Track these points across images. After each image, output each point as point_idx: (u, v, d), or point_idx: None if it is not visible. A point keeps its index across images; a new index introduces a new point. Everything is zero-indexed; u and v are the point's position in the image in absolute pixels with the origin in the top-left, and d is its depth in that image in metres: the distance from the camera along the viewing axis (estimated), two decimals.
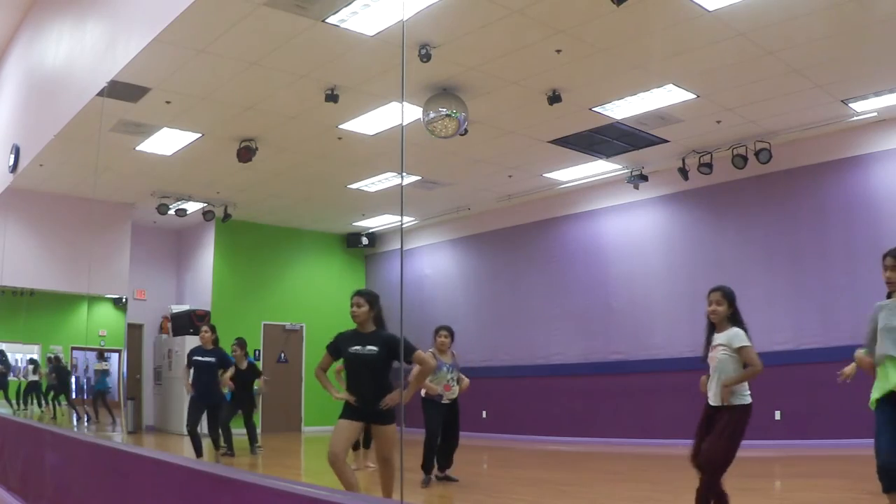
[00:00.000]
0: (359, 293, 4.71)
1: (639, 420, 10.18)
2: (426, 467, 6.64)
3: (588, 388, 10.91)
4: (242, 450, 9.25)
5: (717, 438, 3.93)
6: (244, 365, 9.24)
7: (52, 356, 11.47)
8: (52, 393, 11.45)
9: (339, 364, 5.28)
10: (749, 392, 4.01)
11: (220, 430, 8.39)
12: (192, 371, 8.08)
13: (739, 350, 3.96)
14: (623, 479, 7.21)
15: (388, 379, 4.61)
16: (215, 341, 8.26)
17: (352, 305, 4.65)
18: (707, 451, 3.93)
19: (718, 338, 4.08)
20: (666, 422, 9.68)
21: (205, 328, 8.28)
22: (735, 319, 4.08)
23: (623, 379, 10.52)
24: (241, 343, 9.34)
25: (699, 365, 4.22)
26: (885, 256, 3.99)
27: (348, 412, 4.59)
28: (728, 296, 4.10)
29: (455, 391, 6.79)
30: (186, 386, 8.22)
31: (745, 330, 4.04)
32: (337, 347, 4.70)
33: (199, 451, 7.88)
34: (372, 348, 4.57)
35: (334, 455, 4.40)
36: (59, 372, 11.48)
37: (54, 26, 8.97)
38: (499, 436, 11.59)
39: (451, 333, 6.90)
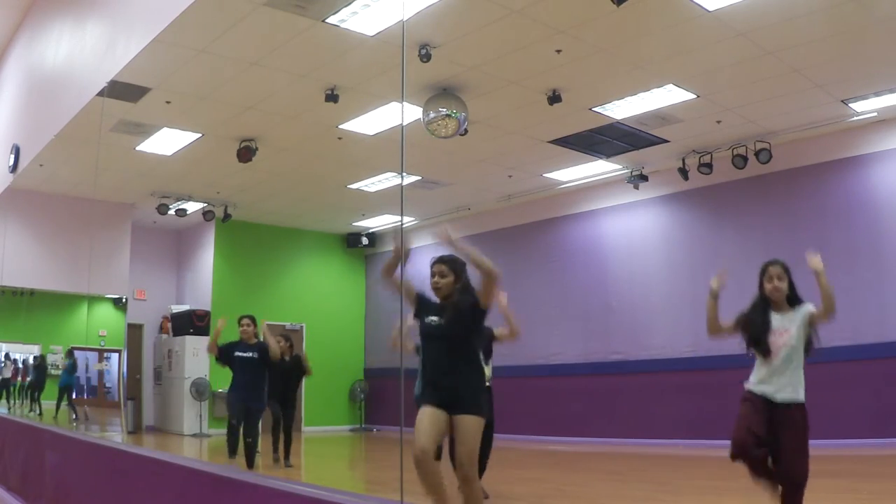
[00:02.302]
0: (441, 260, 3.92)
1: (639, 420, 10.17)
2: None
3: (588, 388, 10.90)
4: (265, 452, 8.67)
5: (801, 446, 3.39)
6: (288, 356, 8.15)
7: (37, 356, 11.44)
8: (34, 391, 11.41)
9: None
10: None
11: (257, 438, 7.38)
12: (234, 369, 7.23)
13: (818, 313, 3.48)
14: (623, 479, 7.20)
15: (473, 360, 3.76)
16: (257, 335, 7.37)
17: (432, 275, 3.87)
18: (796, 465, 3.39)
19: (784, 320, 3.56)
20: (666, 422, 9.68)
21: (245, 321, 7.35)
22: (795, 298, 3.61)
23: (623, 379, 10.51)
24: (286, 336, 8.45)
25: (699, 365, 4.14)
26: None
27: (427, 397, 3.73)
28: (789, 271, 3.62)
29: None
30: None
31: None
32: (420, 304, 3.90)
33: (233, 449, 7.11)
34: (443, 319, 3.78)
35: (420, 451, 3.53)
36: (38, 371, 11.42)
37: (54, 26, 8.97)
38: (499, 436, 11.53)
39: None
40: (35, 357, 11.45)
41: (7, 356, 11.42)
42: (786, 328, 3.53)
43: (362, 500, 2.64)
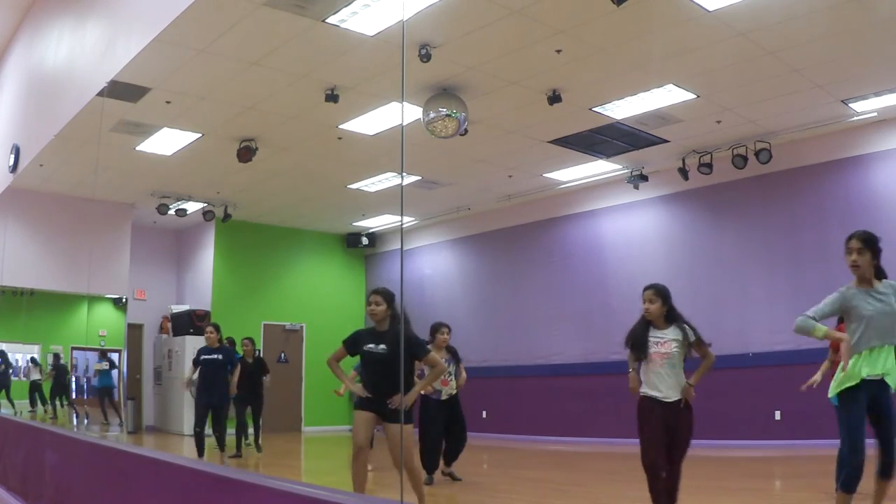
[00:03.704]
0: (376, 291, 4.84)
1: None
2: (426, 466, 6.63)
3: (588, 388, 10.90)
4: (245, 447, 9.28)
5: (688, 434, 4.02)
6: (251, 358, 9.47)
7: (52, 355, 11.46)
8: (51, 392, 11.45)
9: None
10: None
11: (225, 431, 8.26)
12: (198, 370, 8.04)
13: (696, 343, 4.04)
14: (623, 479, 7.20)
15: (404, 377, 4.69)
16: (220, 340, 8.20)
17: (369, 304, 4.78)
18: (682, 450, 4.01)
19: (664, 334, 4.08)
20: None
21: (209, 328, 8.20)
22: (672, 316, 4.09)
23: (623, 379, 10.37)
24: (251, 340, 9.72)
25: (699, 365, 4.18)
26: (849, 239, 3.88)
27: (361, 403, 4.76)
28: (661, 293, 4.10)
29: (452, 386, 6.79)
30: (187, 382, 8.33)
31: (690, 325, 4.08)
32: (354, 343, 4.83)
33: (201, 451, 7.83)
34: (383, 347, 4.70)
35: (357, 447, 4.63)
36: (57, 370, 11.48)
37: (54, 26, 8.97)
38: (499, 436, 11.59)
39: (449, 329, 6.97)
40: (54, 356, 11.47)
41: (33, 360, 11.43)
42: (666, 341, 4.05)
43: (362, 500, 2.64)
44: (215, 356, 8.01)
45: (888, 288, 3.79)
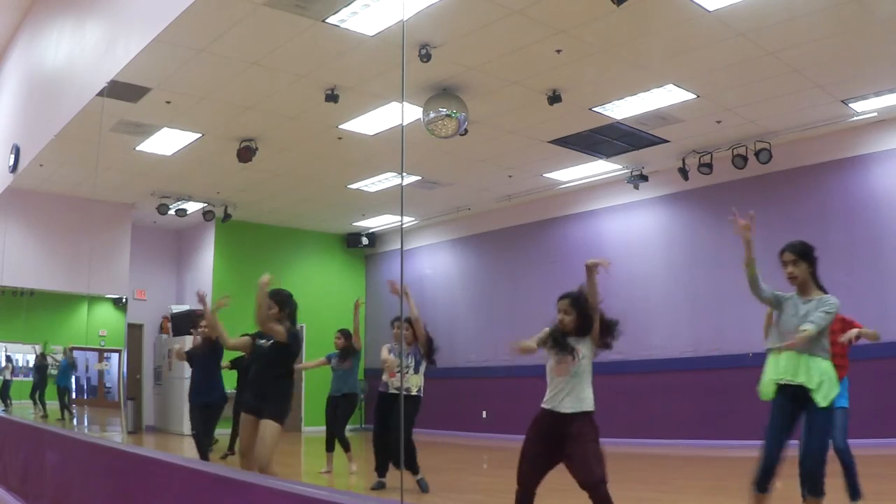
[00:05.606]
0: (269, 295, 5.20)
1: (639, 420, 10.16)
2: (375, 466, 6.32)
3: None
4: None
5: (594, 448, 3.86)
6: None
7: (38, 355, 11.43)
8: (37, 391, 11.40)
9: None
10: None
11: (212, 434, 7.84)
12: (192, 366, 7.75)
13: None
14: (623, 479, 7.18)
15: (279, 375, 4.88)
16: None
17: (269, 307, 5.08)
18: (592, 464, 3.80)
19: (579, 343, 4.01)
20: (666, 422, 9.67)
21: (203, 323, 7.85)
22: (581, 328, 3.99)
23: (623, 379, 10.50)
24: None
25: (699, 365, 4.17)
26: (781, 252, 3.97)
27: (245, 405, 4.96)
28: (578, 302, 4.04)
29: (411, 381, 6.38)
30: (178, 353, 8.06)
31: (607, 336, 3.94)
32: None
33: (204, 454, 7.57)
34: (264, 342, 4.99)
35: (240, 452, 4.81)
36: (40, 370, 11.41)
37: (54, 26, 8.97)
38: (499, 436, 11.57)
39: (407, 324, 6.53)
40: (36, 356, 11.45)
41: (8, 358, 11.40)
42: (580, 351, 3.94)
43: (362, 500, 2.64)
44: (203, 351, 7.71)
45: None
